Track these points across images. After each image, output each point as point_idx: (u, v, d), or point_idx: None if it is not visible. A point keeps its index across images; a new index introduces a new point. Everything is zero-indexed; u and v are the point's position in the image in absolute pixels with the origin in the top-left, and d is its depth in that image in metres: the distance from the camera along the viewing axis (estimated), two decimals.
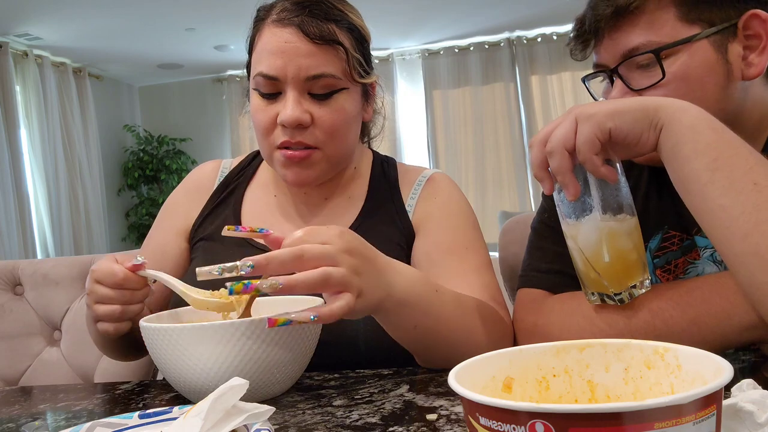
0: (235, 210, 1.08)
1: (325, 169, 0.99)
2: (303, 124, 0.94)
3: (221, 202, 1.09)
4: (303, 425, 0.64)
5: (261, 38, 0.97)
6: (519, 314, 0.88)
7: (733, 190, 0.66)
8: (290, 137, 0.94)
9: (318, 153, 0.97)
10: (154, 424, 0.62)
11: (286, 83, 0.94)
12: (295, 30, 0.93)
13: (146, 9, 4.78)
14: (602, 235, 0.72)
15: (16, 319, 1.40)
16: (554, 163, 0.71)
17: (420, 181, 1.08)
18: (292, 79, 0.93)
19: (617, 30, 0.82)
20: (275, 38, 0.94)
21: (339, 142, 0.98)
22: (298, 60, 0.92)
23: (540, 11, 5.64)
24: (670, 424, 0.32)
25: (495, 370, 0.45)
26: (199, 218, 1.09)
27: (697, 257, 0.87)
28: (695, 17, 0.79)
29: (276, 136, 0.96)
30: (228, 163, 1.16)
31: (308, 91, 0.94)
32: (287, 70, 0.93)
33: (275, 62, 0.93)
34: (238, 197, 1.09)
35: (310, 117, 0.94)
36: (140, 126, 6.86)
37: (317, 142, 0.96)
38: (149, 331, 0.74)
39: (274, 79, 0.94)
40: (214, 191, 1.11)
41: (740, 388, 0.50)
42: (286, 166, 0.97)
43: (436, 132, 6.50)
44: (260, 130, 0.98)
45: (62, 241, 5.60)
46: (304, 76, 0.93)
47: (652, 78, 0.80)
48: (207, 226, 1.07)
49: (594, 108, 0.70)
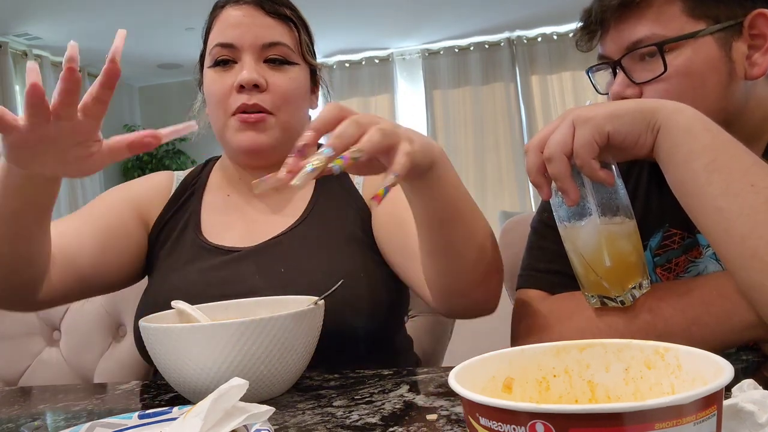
0: (194, 215, 1.07)
1: (278, 136, 1.00)
2: (259, 87, 0.97)
3: (180, 208, 1.09)
4: (303, 425, 0.64)
5: (217, 22, 1.02)
6: (518, 314, 0.88)
7: (730, 191, 0.66)
8: (246, 100, 0.97)
9: (272, 118, 0.99)
10: (154, 425, 0.62)
11: (242, 51, 0.98)
12: (252, 6, 0.99)
13: (146, 9, 4.78)
14: (602, 238, 0.72)
15: (16, 319, 1.40)
16: (553, 169, 0.70)
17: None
18: (249, 46, 0.98)
19: (623, 21, 0.82)
20: (233, 14, 1.00)
21: (292, 109, 1.01)
22: (254, 29, 0.98)
23: (540, 11, 5.64)
24: (670, 425, 0.32)
25: (495, 370, 0.44)
26: (160, 219, 1.07)
27: (698, 256, 0.87)
28: (701, 13, 0.79)
29: (232, 102, 0.98)
30: (181, 174, 1.15)
31: (264, 59, 0.99)
32: (244, 38, 0.98)
33: (233, 32, 0.98)
34: (196, 203, 1.09)
35: (265, 81, 0.98)
36: (140, 126, 6.86)
37: (272, 107, 0.99)
38: (149, 331, 0.74)
39: (231, 46, 0.98)
40: (172, 196, 1.10)
41: (741, 388, 0.50)
42: (240, 130, 0.99)
43: (436, 132, 6.50)
44: (215, 99, 1.00)
45: None
46: (260, 43, 0.98)
47: (655, 71, 0.80)
48: (168, 233, 1.06)
49: (591, 111, 0.70)
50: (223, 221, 1.06)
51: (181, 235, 1.05)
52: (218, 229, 1.05)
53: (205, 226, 1.06)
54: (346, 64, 6.63)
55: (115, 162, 0.76)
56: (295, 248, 0.99)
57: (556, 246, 0.80)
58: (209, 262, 1.00)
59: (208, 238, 1.04)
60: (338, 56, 6.55)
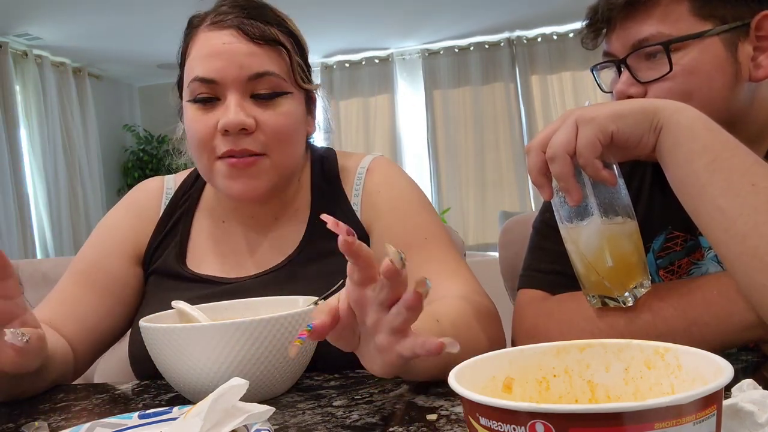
0: (181, 243, 1.01)
1: (274, 179, 0.92)
2: (247, 129, 0.87)
3: (170, 231, 1.02)
4: (303, 425, 0.64)
5: (195, 45, 0.91)
6: (519, 314, 0.88)
7: (731, 191, 0.66)
8: (233, 145, 0.87)
9: (265, 160, 0.89)
10: (154, 424, 0.62)
11: (226, 87, 0.87)
12: (234, 31, 0.88)
13: (146, 9, 4.78)
14: (603, 238, 0.72)
15: None
16: (556, 169, 0.70)
17: (360, 174, 1.01)
18: (233, 81, 0.87)
19: (630, 19, 0.82)
20: (212, 41, 0.88)
21: (286, 148, 0.91)
22: (238, 59, 0.86)
23: (540, 11, 5.63)
24: (670, 425, 0.32)
25: (495, 370, 0.45)
26: (150, 246, 1.01)
27: (701, 258, 0.87)
28: (708, 13, 0.79)
29: (217, 146, 0.88)
30: (171, 181, 1.07)
31: (251, 94, 0.88)
32: (227, 71, 0.86)
33: (213, 64, 0.87)
34: (186, 226, 1.02)
35: (254, 121, 0.87)
36: (140, 126, 6.86)
37: (264, 148, 0.89)
38: (149, 331, 0.74)
39: (212, 82, 0.87)
40: (161, 217, 1.03)
41: (740, 388, 0.50)
42: (230, 176, 0.89)
43: (436, 132, 6.50)
44: (197, 142, 0.89)
45: (62, 241, 5.60)
46: (246, 75, 0.87)
47: (660, 70, 0.80)
48: (158, 257, 1.01)
49: (594, 111, 0.70)
50: (218, 250, 1.00)
51: (168, 262, 1.00)
52: (209, 258, 1.00)
53: (194, 255, 1.00)
54: (346, 64, 6.63)
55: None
56: (290, 281, 0.94)
57: (557, 246, 0.80)
58: (196, 292, 0.94)
59: (196, 268, 0.98)
60: (338, 56, 6.55)
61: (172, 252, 1.00)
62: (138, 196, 1.07)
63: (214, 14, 0.91)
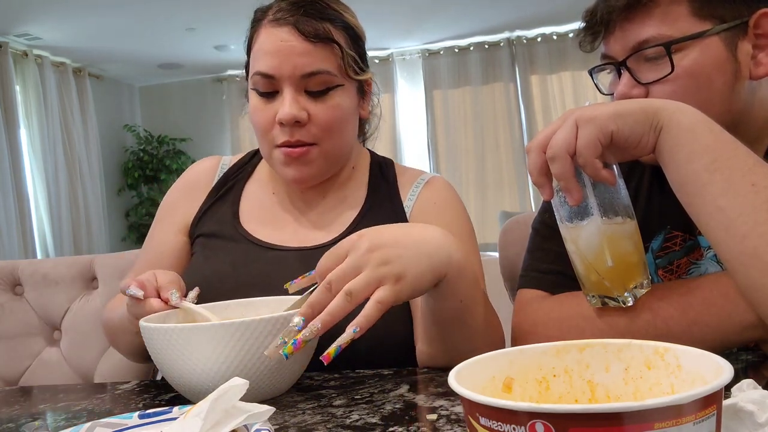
0: (233, 206, 1.08)
1: (324, 165, 1.01)
2: (300, 122, 0.96)
3: (220, 198, 1.10)
4: (303, 425, 0.64)
5: (258, 39, 0.99)
6: (519, 314, 0.88)
7: (731, 191, 0.66)
8: (289, 136, 0.96)
9: (315, 149, 0.98)
10: (154, 424, 0.62)
11: (282, 82, 0.96)
12: (291, 29, 0.95)
13: (146, 9, 4.77)
14: (603, 238, 0.72)
15: (16, 319, 1.40)
16: (557, 169, 0.70)
17: (419, 182, 1.08)
18: (288, 78, 0.95)
19: (629, 22, 0.81)
20: (271, 38, 0.96)
21: (336, 138, 1.00)
22: (293, 58, 0.95)
23: (540, 11, 5.63)
24: (670, 425, 0.32)
25: (495, 370, 0.45)
26: (198, 214, 1.09)
27: (700, 257, 0.86)
28: (707, 13, 0.79)
29: (275, 135, 0.98)
30: (227, 159, 1.16)
31: (305, 89, 0.96)
32: (283, 68, 0.95)
33: (272, 61, 0.95)
34: (236, 193, 1.10)
35: (306, 114, 0.96)
36: (140, 126, 6.86)
37: (315, 139, 0.97)
38: (149, 331, 0.74)
39: (271, 77, 0.96)
40: (213, 187, 1.11)
41: (740, 388, 0.50)
42: (286, 164, 0.99)
43: (437, 132, 6.50)
44: (259, 129, 1.00)
45: (62, 241, 5.60)
46: (299, 73, 0.95)
47: (661, 72, 0.80)
48: (206, 222, 1.08)
49: (594, 111, 0.70)
50: (265, 217, 1.07)
51: (220, 223, 1.06)
52: (259, 222, 1.06)
53: (244, 217, 1.07)
54: None
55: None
56: None
57: (557, 247, 0.80)
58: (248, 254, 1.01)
59: (247, 229, 1.05)
60: None
61: (228, 212, 1.08)
62: (192, 171, 1.16)
63: (275, 11, 0.98)
